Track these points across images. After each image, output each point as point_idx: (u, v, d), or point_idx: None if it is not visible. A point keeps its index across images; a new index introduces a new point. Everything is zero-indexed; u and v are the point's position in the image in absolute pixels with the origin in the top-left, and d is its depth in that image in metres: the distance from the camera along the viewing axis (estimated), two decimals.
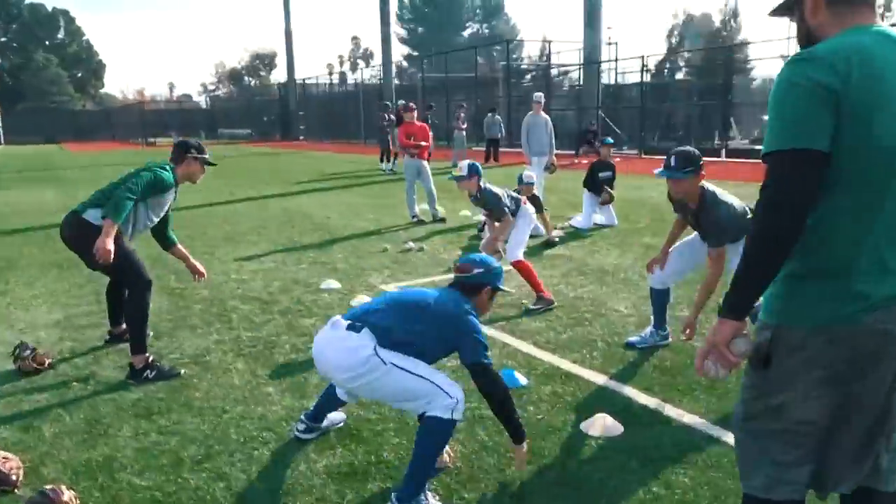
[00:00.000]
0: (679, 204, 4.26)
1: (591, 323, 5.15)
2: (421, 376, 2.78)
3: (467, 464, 3.16)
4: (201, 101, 78.85)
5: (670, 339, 4.63)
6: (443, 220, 10.13)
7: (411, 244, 8.28)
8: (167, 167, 4.43)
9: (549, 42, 33.66)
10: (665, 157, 4.04)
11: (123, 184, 4.19)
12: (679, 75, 34.06)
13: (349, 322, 2.86)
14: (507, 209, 5.66)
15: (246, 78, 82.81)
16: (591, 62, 24.94)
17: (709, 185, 4.10)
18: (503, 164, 21.32)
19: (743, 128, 26.31)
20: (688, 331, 4.13)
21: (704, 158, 4.14)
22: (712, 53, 29.39)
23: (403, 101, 19.97)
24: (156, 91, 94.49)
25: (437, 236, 9.05)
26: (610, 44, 30.74)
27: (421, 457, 2.78)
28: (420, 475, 2.77)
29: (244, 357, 4.64)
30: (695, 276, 4.90)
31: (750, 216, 4.02)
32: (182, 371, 4.37)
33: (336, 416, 3.57)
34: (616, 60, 29.13)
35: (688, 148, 4.15)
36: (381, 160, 19.40)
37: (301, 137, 47.42)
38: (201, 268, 4.93)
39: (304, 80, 47.45)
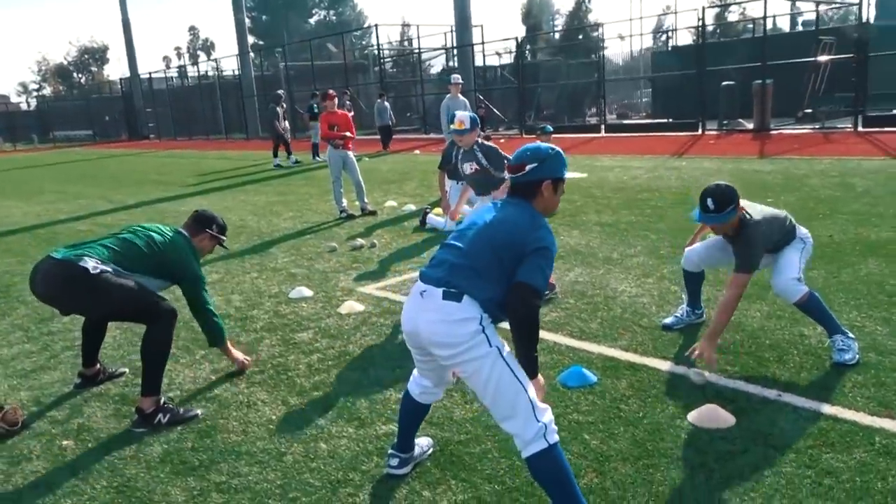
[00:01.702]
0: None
1: (610, 307, 4.98)
2: (521, 383, 2.42)
3: (603, 469, 2.87)
4: (22, 101, 71.45)
5: (705, 317, 4.55)
6: (373, 212, 9.63)
7: (360, 241, 7.76)
8: (193, 247, 3.99)
9: (417, 26, 33.08)
10: (700, 199, 3.62)
11: (189, 295, 3.90)
12: (540, 56, 34.95)
13: (444, 290, 2.43)
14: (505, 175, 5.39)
15: (75, 74, 76.16)
16: (464, 45, 24.94)
17: (747, 209, 3.72)
18: (394, 150, 20.90)
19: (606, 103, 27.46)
20: (708, 365, 3.60)
21: (585, 135, 3.86)
22: (573, 34, 30.35)
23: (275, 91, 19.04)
24: None
25: (378, 230, 8.57)
26: (475, 26, 30.98)
27: (560, 496, 2.45)
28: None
29: (259, 386, 4.04)
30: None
31: (789, 223, 3.87)
32: (199, 412, 3.72)
33: (424, 442, 3.14)
34: (483, 43, 29.37)
35: (718, 185, 3.62)
36: (276, 155, 18.27)
37: (152, 136, 44.24)
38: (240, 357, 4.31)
39: (150, 74, 44.09)
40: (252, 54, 38.13)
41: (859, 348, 3.83)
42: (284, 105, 18.22)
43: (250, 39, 69.08)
